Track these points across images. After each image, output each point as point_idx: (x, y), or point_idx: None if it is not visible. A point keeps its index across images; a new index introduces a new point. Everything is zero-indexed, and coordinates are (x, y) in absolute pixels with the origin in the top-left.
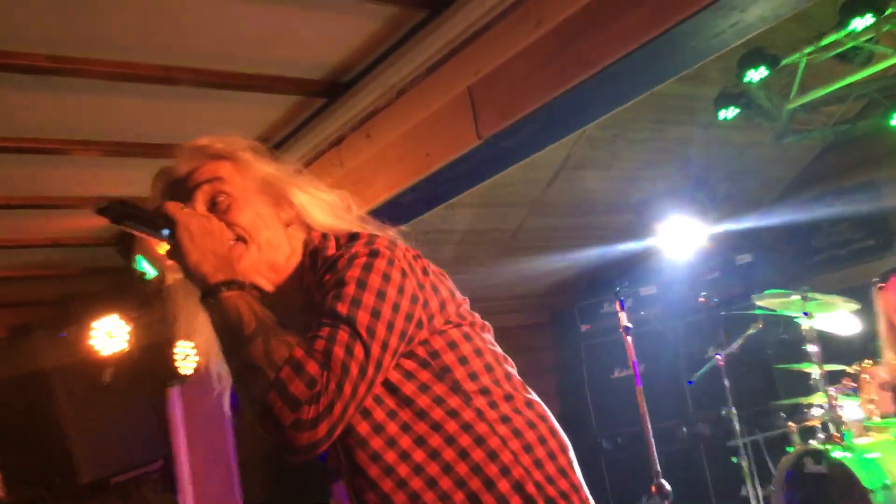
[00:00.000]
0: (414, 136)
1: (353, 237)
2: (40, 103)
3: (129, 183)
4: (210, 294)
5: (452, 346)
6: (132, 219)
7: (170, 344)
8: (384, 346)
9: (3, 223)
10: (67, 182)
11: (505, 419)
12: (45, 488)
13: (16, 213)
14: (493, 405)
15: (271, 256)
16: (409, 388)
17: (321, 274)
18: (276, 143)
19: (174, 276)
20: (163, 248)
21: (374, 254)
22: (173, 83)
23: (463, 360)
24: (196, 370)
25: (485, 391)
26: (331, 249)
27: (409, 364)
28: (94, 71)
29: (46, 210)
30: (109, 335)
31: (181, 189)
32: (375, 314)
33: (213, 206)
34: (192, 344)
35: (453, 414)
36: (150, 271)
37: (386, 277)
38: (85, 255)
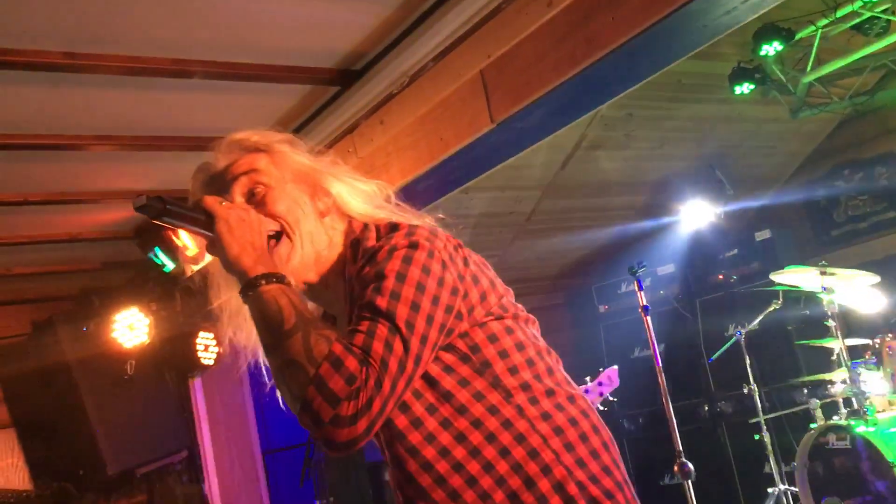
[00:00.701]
0: (427, 122)
1: (394, 227)
2: (56, 100)
3: (145, 176)
4: (250, 287)
5: (493, 339)
6: (171, 215)
7: (191, 335)
8: (423, 341)
9: (22, 220)
10: (85, 177)
11: (546, 416)
12: (71, 480)
13: (35, 210)
14: (533, 401)
15: (315, 247)
16: (448, 383)
17: (361, 266)
18: (290, 132)
19: (211, 268)
20: (193, 242)
21: (413, 245)
22: (187, 76)
23: (503, 354)
24: (217, 360)
25: (525, 387)
26: (371, 240)
27: (449, 357)
28: (109, 66)
29: (65, 205)
30: (130, 328)
31: (220, 183)
32: (415, 307)
33: (251, 198)
34: (211, 335)
35: (493, 410)
36: (168, 263)
37: (426, 270)
38: (104, 249)
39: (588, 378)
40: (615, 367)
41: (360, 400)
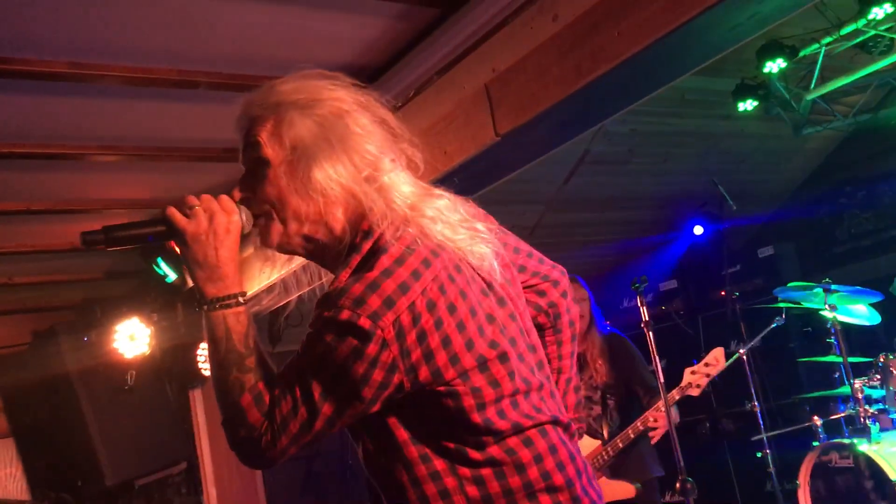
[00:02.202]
0: (431, 135)
1: (366, 265)
2: (61, 110)
3: (149, 186)
4: (200, 304)
5: (458, 411)
6: (123, 242)
7: (192, 346)
8: (329, 422)
9: (25, 229)
10: (88, 187)
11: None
12: (69, 491)
13: (37, 219)
14: (479, 481)
15: (303, 229)
16: (402, 435)
17: (319, 301)
18: None
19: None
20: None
21: (349, 328)
22: (192, 87)
23: (462, 429)
24: None
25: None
26: (344, 273)
27: (410, 414)
28: (114, 76)
29: (68, 215)
30: (131, 338)
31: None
32: (328, 390)
33: (252, 175)
34: None
35: (436, 476)
36: (170, 274)
37: (354, 354)
38: (106, 259)
39: (694, 360)
40: (721, 347)
41: (257, 446)
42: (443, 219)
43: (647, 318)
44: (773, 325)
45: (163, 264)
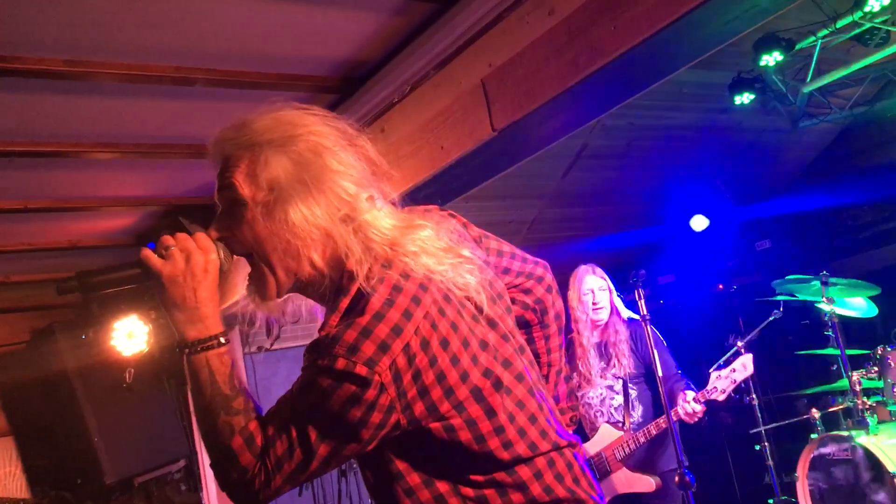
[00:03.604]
0: (428, 130)
1: (355, 308)
2: (58, 107)
3: (146, 184)
4: (181, 348)
5: (452, 443)
6: (98, 287)
7: None
8: (325, 462)
9: (22, 228)
10: (86, 185)
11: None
12: (69, 489)
13: (35, 217)
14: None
15: (286, 271)
16: (401, 465)
17: (310, 347)
18: None
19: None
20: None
21: (346, 376)
22: (189, 84)
23: (461, 459)
24: None
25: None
26: (334, 318)
27: (408, 446)
28: (111, 74)
29: (65, 213)
30: (130, 336)
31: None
32: (324, 433)
33: (228, 215)
34: None
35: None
36: None
37: (352, 400)
38: (105, 256)
39: (722, 361)
40: (750, 354)
41: (251, 488)
42: (427, 251)
43: (644, 312)
44: (771, 319)
45: None
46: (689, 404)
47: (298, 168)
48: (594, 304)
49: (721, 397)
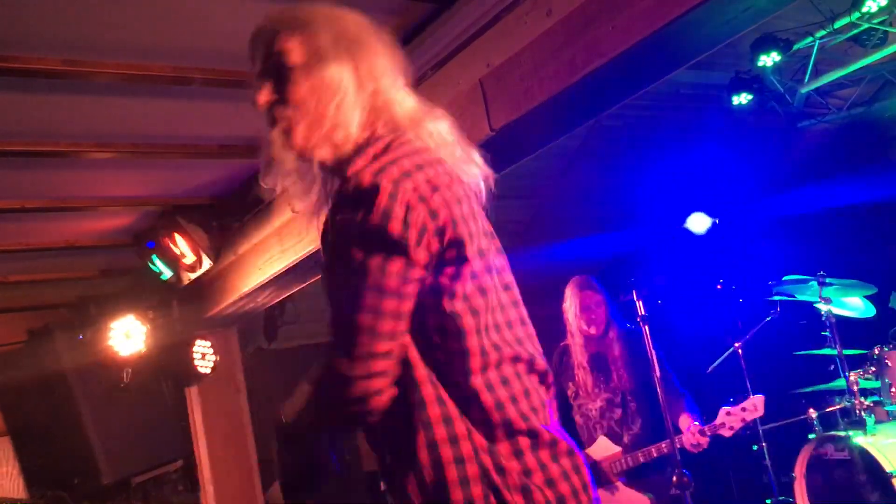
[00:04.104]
0: None
1: (381, 154)
2: (55, 107)
3: (144, 184)
4: None
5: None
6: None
7: (188, 343)
8: (390, 335)
9: (19, 228)
10: (83, 185)
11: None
12: (66, 489)
13: (32, 217)
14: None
15: (320, 130)
16: (420, 374)
17: (336, 194)
18: None
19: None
20: (189, 250)
21: (373, 191)
22: (187, 83)
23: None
24: (214, 369)
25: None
26: (360, 159)
27: (423, 346)
28: (109, 73)
29: (62, 213)
30: (127, 336)
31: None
32: (374, 308)
33: (276, 80)
34: (208, 343)
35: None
36: (165, 272)
37: (385, 216)
38: (102, 257)
39: (731, 399)
40: (762, 395)
41: (342, 365)
42: (440, 138)
43: (643, 312)
44: (768, 319)
45: (158, 262)
46: (694, 436)
47: (340, 39)
48: (590, 318)
49: (728, 433)
